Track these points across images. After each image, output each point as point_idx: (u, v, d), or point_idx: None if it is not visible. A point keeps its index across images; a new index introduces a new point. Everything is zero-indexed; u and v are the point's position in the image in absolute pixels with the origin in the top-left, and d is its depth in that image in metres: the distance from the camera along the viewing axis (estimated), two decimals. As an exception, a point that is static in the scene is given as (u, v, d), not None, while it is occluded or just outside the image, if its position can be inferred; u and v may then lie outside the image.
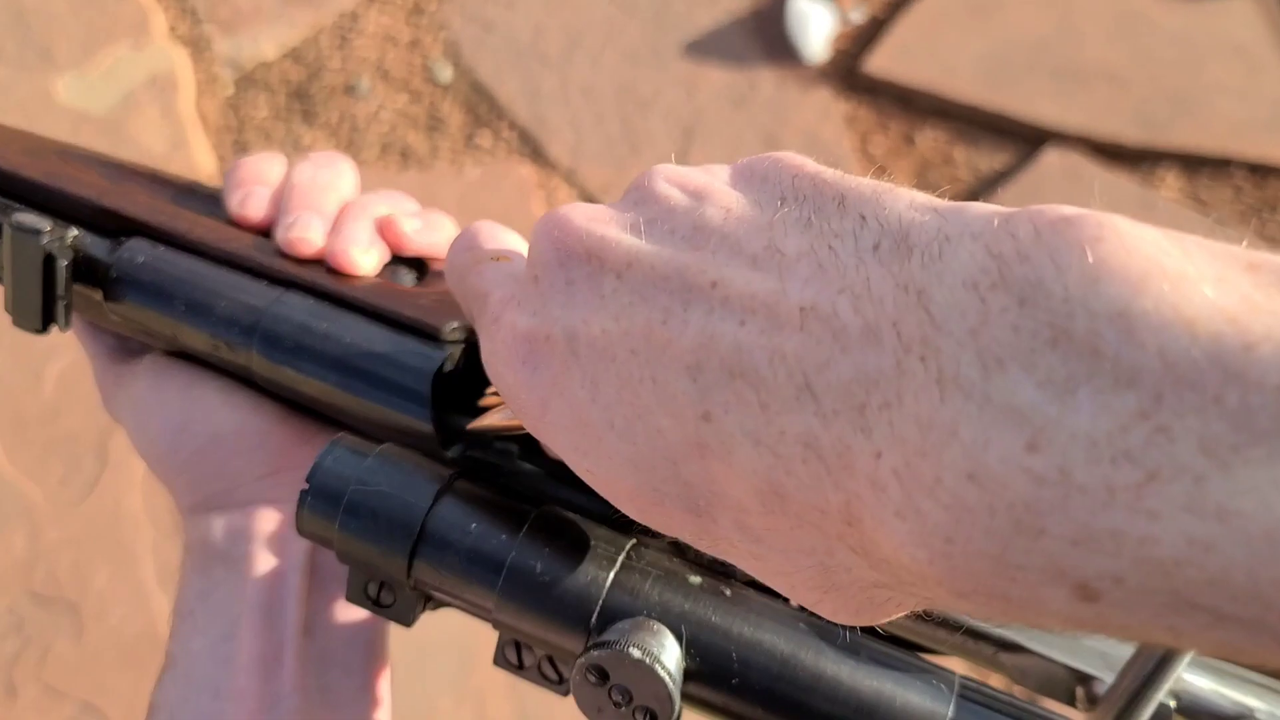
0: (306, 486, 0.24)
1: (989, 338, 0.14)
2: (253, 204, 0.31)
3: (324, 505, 0.24)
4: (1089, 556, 0.13)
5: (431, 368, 0.27)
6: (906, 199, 0.17)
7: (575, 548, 0.23)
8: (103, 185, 0.32)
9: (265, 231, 0.31)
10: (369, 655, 0.31)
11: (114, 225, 0.31)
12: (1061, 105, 1.38)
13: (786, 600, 0.24)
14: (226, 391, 0.30)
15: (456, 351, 0.27)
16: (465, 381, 0.27)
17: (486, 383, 0.27)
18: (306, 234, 0.30)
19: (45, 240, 0.29)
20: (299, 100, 1.49)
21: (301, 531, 0.25)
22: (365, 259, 0.30)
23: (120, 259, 0.30)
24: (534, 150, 1.43)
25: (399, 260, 0.31)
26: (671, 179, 0.20)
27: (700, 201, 0.19)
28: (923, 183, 1.39)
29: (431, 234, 0.31)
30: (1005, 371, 0.13)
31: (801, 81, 1.44)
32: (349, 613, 0.30)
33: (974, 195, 1.37)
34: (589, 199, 1.39)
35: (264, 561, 0.30)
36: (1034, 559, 0.13)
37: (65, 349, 1.35)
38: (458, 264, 0.24)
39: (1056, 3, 1.46)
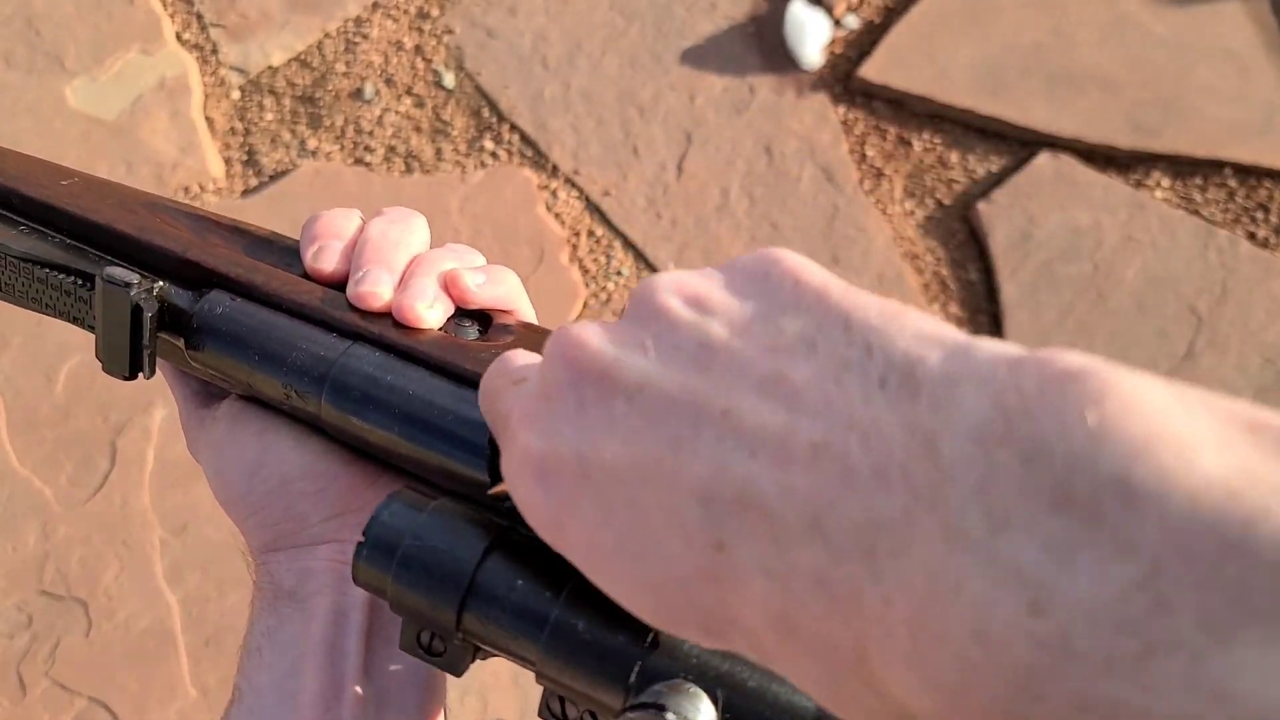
0: (363, 538, 0.25)
1: (995, 495, 0.14)
2: (326, 257, 0.32)
3: (379, 557, 0.25)
4: None
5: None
6: (913, 328, 0.16)
7: (617, 607, 0.24)
8: (187, 238, 0.34)
9: (338, 284, 0.32)
10: (424, 698, 0.32)
11: (197, 276, 0.33)
12: (1054, 110, 1.39)
13: None
14: (298, 437, 0.31)
15: None
16: None
17: None
18: (375, 289, 0.31)
19: (134, 293, 0.31)
20: (305, 105, 1.50)
21: (357, 581, 0.26)
22: (430, 314, 0.30)
23: (201, 310, 0.32)
24: (536, 155, 1.44)
25: (463, 313, 0.32)
26: (672, 289, 0.20)
27: (704, 314, 0.19)
28: (918, 185, 1.40)
29: (495, 288, 0.32)
30: (1010, 531, 0.13)
31: (799, 87, 1.45)
32: (406, 656, 0.31)
33: (969, 198, 1.38)
34: (590, 203, 1.41)
35: (328, 601, 0.31)
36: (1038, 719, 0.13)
37: (76, 350, 1.35)
38: (489, 389, 0.24)
39: (1049, 9, 1.47)
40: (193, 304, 0.32)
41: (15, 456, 1.29)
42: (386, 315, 0.31)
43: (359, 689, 0.30)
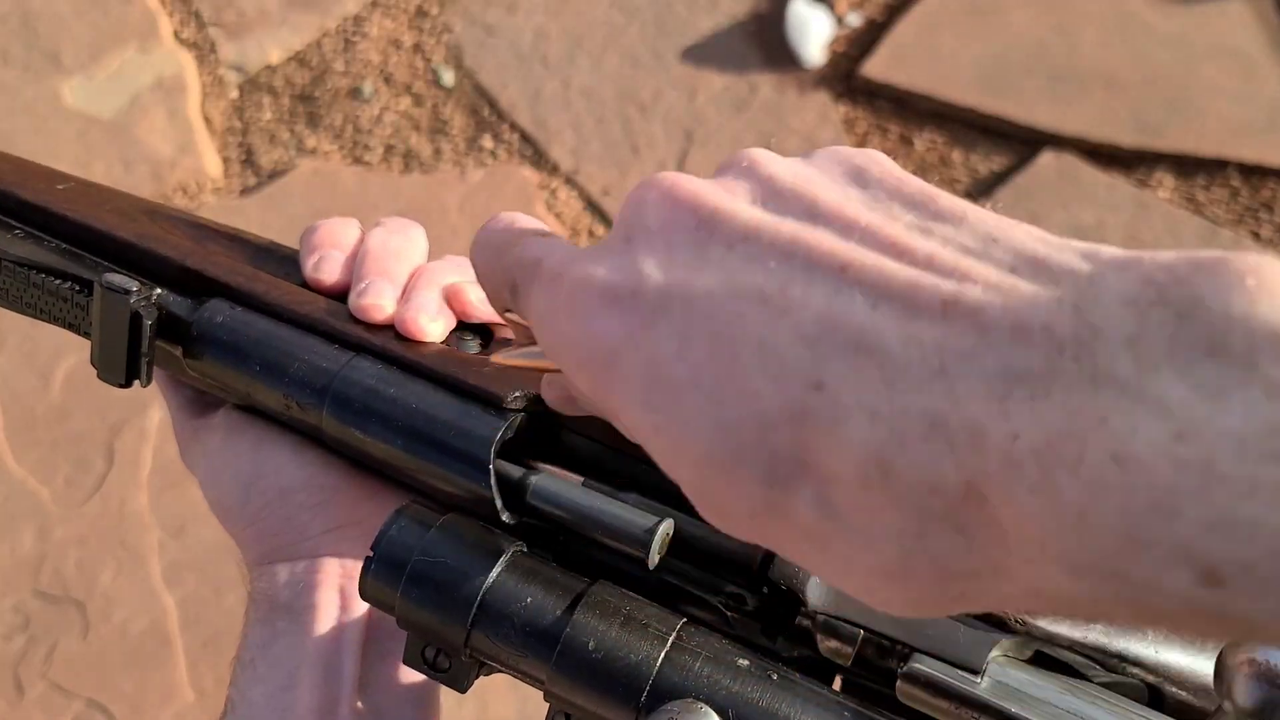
0: (371, 554, 0.25)
1: (1146, 345, 0.14)
2: (326, 268, 0.32)
3: (388, 573, 0.25)
4: (1222, 542, 0.13)
5: (494, 435, 0.28)
6: (1026, 232, 0.17)
7: (627, 626, 0.24)
8: (187, 246, 0.33)
9: (338, 294, 0.32)
10: (419, 714, 0.31)
11: (196, 285, 0.32)
12: (1058, 108, 1.39)
13: (832, 685, 0.25)
14: (297, 448, 0.31)
15: (517, 419, 0.28)
16: (525, 448, 0.29)
17: (547, 449, 0.28)
18: (378, 301, 0.31)
19: (133, 300, 0.30)
20: (304, 104, 1.50)
21: (364, 596, 0.26)
22: (433, 326, 0.30)
23: (201, 318, 0.31)
24: (536, 153, 1.44)
25: (465, 326, 0.32)
26: (773, 157, 0.20)
27: (809, 184, 0.18)
28: (921, 185, 1.40)
29: None
30: (1160, 373, 0.14)
31: (800, 85, 1.45)
32: (401, 671, 0.31)
33: (971, 197, 1.38)
34: (590, 202, 1.40)
35: (325, 616, 0.30)
36: (1166, 538, 0.14)
37: (72, 351, 1.35)
38: (495, 242, 0.22)
39: (1053, 7, 1.47)
40: (192, 312, 0.32)
41: (12, 458, 1.29)
42: (388, 327, 0.31)
43: (354, 704, 0.30)
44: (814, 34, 1.45)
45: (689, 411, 0.17)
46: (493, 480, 0.27)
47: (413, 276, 0.32)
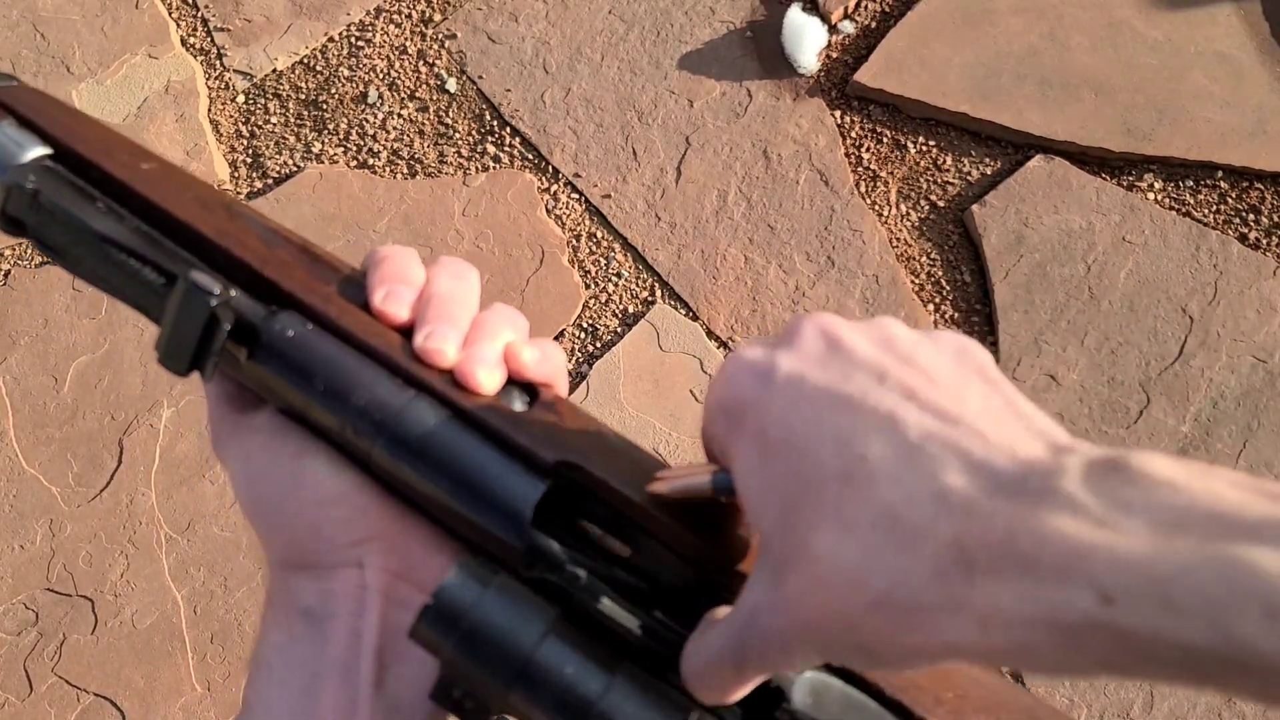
0: (430, 602, 0.27)
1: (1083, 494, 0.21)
2: (394, 304, 0.33)
3: (443, 624, 0.27)
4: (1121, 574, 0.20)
5: (535, 496, 0.29)
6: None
7: (660, 697, 0.26)
8: (262, 252, 0.34)
9: (399, 327, 0.33)
10: (433, 711, 0.32)
11: (267, 292, 0.33)
12: (1048, 114, 1.40)
13: None
14: (335, 463, 0.32)
15: (555, 484, 0.30)
16: (554, 511, 0.30)
17: (572, 516, 0.30)
18: (443, 347, 0.32)
19: (214, 302, 0.31)
20: (310, 109, 1.51)
21: (414, 637, 0.27)
22: (490, 380, 0.32)
23: (271, 329, 0.32)
24: (538, 158, 1.45)
25: (512, 382, 0.33)
26: (902, 328, 0.27)
27: (913, 348, 0.26)
28: (913, 189, 1.41)
29: (546, 365, 0.33)
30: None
31: (795, 92, 1.46)
32: (416, 667, 0.32)
33: (963, 201, 1.39)
34: (591, 206, 1.42)
35: (346, 624, 0.32)
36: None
37: (83, 350, 1.36)
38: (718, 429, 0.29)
39: (1043, 14, 1.48)
40: (262, 319, 0.32)
41: (23, 455, 1.30)
42: (447, 371, 0.32)
43: (373, 703, 0.31)
44: (809, 42, 1.46)
45: (779, 460, 0.25)
46: (529, 538, 0.29)
47: (474, 326, 0.33)
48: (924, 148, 1.42)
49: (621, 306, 1.35)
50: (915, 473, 0.22)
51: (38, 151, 0.35)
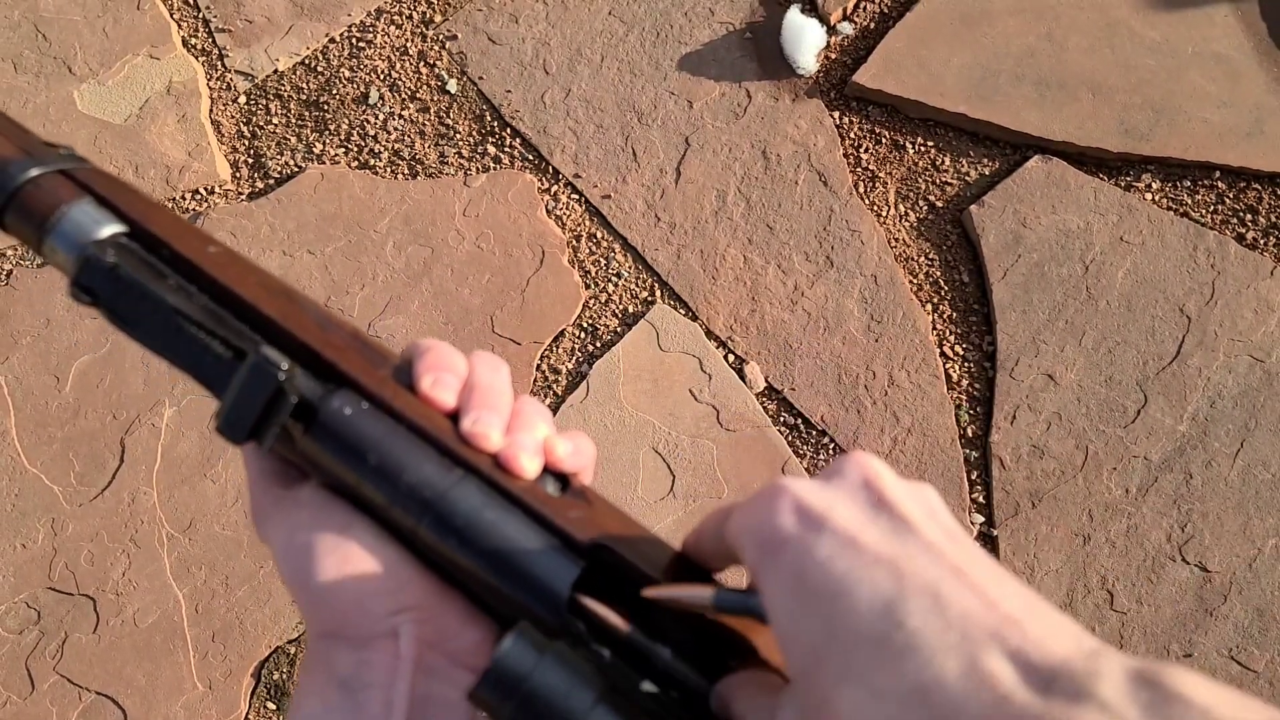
0: (490, 667, 0.29)
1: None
2: (442, 390, 0.35)
3: (501, 689, 0.29)
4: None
5: (572, 578, 0.31)
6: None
7: None
8: (320, 335, 0.36)
9: (445, 413, 0.35)
10: None
11: (325, 372, 0.35)
12: (1046, 114, 1.40)
13: None
14: (378, 537, 0.34)
15: (591, 564, 0.32)
16: (583, 590, 0.32)
17: (594, 592, 0.32)
18: (489, 432, 0.34)
19: (283, 376, 0.33)
20: (311, 110, 1.52)
21: (472, 699, 0.29)
22: (532, 465, 0.34)
23: (329, 407, 0.34)
24: (538, 159, 1.45)
25: (546, 470, 0.36)
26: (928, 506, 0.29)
27: (950, 527, 0.28)
28: (911, 189, 1.41)
29: (578, 458, 0.36)
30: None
31: (795, 93, 1.47)
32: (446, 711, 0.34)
33: (961, 201, 1.39)
34: (591, 206, 1.42)
35: (380, 694, 0.33)
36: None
37: (85, 349, 1.37)
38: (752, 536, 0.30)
39: (1041, 15, 1.48)
40: (320, 396, 0.34)
41: (25, 455, 1.30)
42: (490, 454, 0.34)
43: None
44: (808, 43, 1.46)
45: (815, 606, 0.25)
46: (563, 615, 0.31)
47: (513, 416, 0.36)
48: (922, 148, 1.43)
49: (621, 306, 1.36)
50: (952, 652, 0.23)
51: (114, 229, 0.36)
